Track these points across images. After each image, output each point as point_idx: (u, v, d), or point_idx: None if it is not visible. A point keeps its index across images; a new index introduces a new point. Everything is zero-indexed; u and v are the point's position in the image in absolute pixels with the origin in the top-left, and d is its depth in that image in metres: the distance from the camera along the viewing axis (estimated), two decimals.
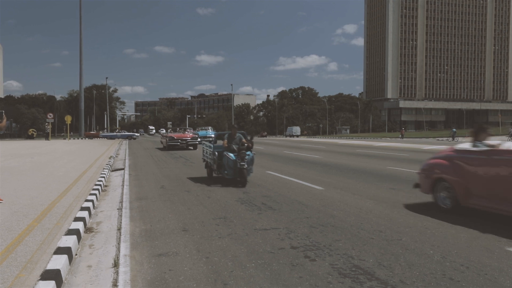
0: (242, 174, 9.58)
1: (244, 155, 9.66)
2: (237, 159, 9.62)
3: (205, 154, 11.91)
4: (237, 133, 10.47)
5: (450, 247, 4.69)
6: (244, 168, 9.55)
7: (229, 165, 9.75)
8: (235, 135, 10.38)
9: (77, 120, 72.13)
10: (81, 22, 59.23)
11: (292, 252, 4.60)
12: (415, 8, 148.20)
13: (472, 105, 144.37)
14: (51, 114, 56.32)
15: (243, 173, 9.56)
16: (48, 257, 4.24)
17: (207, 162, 11.56)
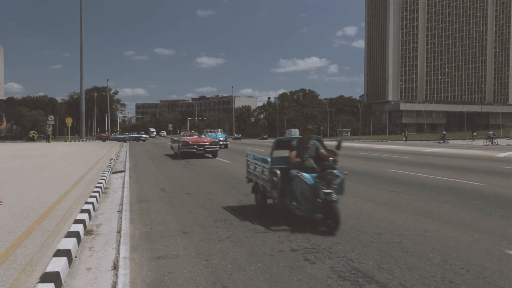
0: (330, 210, 5.63)
1: (333, 178, 5.77)
2: (319, 184, 5.75)
3: (253, 171, 7.69)
4: (312, 138, 6.73)
5: (450, 250, 4.68)
6: (333, 201, 5.61)
7: (304, 193, 5.89)
8: (309, 142, 6.62)
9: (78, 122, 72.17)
10: (81, 24, 59.38)
11: (291, 255, 4.59)
12: (416, 10, 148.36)
13: (473, 108, 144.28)
14: (52, 117, 56.37)
15: (332, 208, 5.60)
16: (47, 259, 4.24)
17: (256, 184, 7.42)
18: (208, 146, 20.69)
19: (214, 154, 21.06)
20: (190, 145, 20.37)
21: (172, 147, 24.03)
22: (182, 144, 20.44)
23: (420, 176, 12.03)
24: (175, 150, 22.52)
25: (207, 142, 20.90)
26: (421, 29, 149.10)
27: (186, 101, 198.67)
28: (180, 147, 20.57)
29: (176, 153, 21.94)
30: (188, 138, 21.47)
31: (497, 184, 10.20)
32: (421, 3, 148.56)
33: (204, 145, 20.60)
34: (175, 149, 22.46)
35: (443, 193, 8.84)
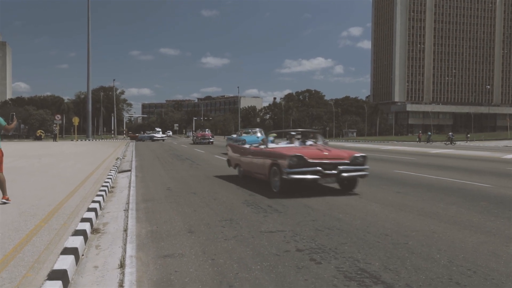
0: None
1: None
2: None
3: None
4: None
5: (457, 252, 4.66)
6: None
7: None
8: None
9: (85, 121, 72.55)
10: (89, 24, 59.66)
11: (297, 255, 4.60)
12: (423, 11, 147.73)
13: (480, 109, 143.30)
14: (59, 116, 56.85)
15: None
16: (55, 257, 4.27)
17: None
18: (346, 168, 8.85)
19: (352, 185, 9.39)
20: (309, 164, 8.62)
21: (240, 163, 11.59)
22: (289, 161, 8.49)
23: (426, 177, 11.98)
24: (254, 169, 10.54)
25: (340, 158, 9.01)
26: (428, 30, 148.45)
27: (192, 101, 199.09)
28: (283, 168, 8.58)
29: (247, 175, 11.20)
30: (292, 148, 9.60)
31: (505, 185, 10.13)
32: (428, 4, 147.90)
33: (338, 163, 8.84)
34: (252, 167, 10.65)
35: (449, 194, 8.79)
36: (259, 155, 10.08)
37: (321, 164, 8.55)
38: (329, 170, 8.57)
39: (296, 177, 8.37)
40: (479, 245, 4.92)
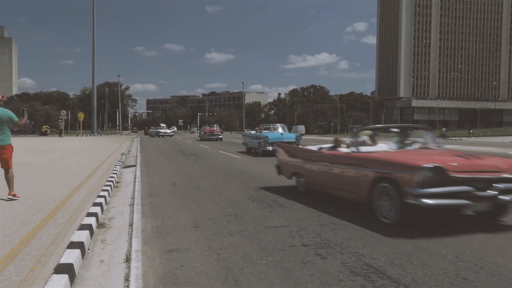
0: None
1: None
2: None
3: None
4: None
5: (464, 247, 4.64)
6: None
7: None
8: None
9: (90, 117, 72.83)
10: (94, 20, 59.69)
11: (303, 250, 4.59)
12: (429, 6, 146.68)
13: (486, 105, 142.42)
14: (64, 111, 57.02)
15: None
16: (61, 251, 4.29)
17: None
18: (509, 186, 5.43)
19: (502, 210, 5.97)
20: (453, 181, 5.27)
21: (304, 172, 8.23)
22: (423, 176, 5.18)
23: None
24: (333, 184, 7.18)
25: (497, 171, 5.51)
26: (434, 25, 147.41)
27: (197, 96, 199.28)
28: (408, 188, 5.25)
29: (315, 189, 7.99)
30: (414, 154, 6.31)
31: None
32: None
33: (494, 179, 5.41)
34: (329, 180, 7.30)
35: None
36: (345, 163, 6.80)
37: (472, 180, 5.33)
38: (483, 191, 5.32)
39: (433, 202, 5.14)
40: (486, 241, 4.89)
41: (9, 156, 7.08)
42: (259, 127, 21.15)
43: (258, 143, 18.80)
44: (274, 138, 17.98)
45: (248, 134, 23.03)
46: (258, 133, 19.88)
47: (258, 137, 19.28)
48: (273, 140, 17.53)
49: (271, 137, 18.15)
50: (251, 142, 20.39)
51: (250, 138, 20.86)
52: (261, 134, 19.14)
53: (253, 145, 19.88)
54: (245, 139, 22.15)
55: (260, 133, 19.57)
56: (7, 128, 6.99)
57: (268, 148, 17.98)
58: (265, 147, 18.11)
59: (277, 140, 16.53)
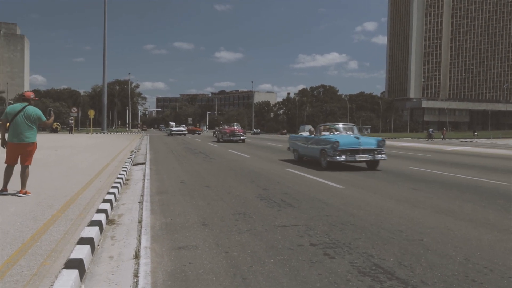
0: None
1: None
2: None
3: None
4: None
5: (473, 249, 4.61)
6: None
7: None
8: None
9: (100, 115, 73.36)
10: (105, 18, 60.05)
11: (311, 249, 4.59)
12: (441, 6, 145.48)
13: (497, 106, 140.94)
14: (75, 109, 57.45)
15: None
16: (71, 246, 4.33)
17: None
18: None
19: None
20: None
21: None
22: None
23: (442, 174, 11.84)
24: None
25: None
26: (445, 26, 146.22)
27: (206, 95, 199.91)
28: None
29: None
30: None
31: None
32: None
33: None
34: None
35: (465, 191, 8.68)
36: None
37: None
38: None
39: None
40: (495, 243, 4.85)
41: (32, 153, 7.23)
42: (318, 128, 15.14)
43: (321, 150, 13.19)
44: (347, 144, 12.58)
45: (298, 137, 16.85)
46: (319, 136, 14.11)
47: (319, 141, 13.69)
48: (346, 146, 12.46)
49: (343, 142, 12.56)
50: (305, 148, 14.96)
51: (302, 143, 15.31)
52: (326, 138, 13.42)
53: (308, 152, 14.66)
54: (294, 143, 16.34)
55: (323, 137, 13.83)
56: (34, 126, 7.15)
57: (338, 158, 12.34)
58: (334, 156, 12.38)
59: (352, 147, 12.46)
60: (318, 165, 13.65)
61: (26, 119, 7.03)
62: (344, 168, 13.27)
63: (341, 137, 13.33)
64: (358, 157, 12.38)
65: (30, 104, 7.23)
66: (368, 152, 12.57)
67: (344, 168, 13.24)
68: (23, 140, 7.01)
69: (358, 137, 13.13)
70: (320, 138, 13.87)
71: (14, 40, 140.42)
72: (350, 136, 13.51)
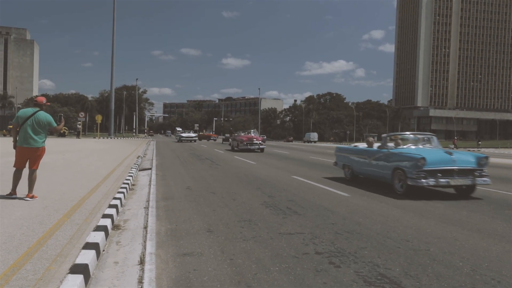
0: None
1: None
2: None
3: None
4: None
5: (481, 260, 4.56)
6: None
7: None
8: None
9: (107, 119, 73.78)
10: (114, 24, 60.60)
11: (316, 258, 4.56)
12: (449, 15, 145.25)
13: (506, 116, 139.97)
14: (82, 113, 57.86)
15: None
16: (77, 251, 4.34)
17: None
18: None
19: None
20: None
21: None
22: None
23: None
24: None
25: None
26: (453, 34, 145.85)
27: (213, 101, 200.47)
28: None
29: None
30: None
31: None
32: (454, 8, 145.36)
33: None
34: None
35: (473, 201, 8.60)
36: None
37: None
38: None
39: None
40: (504, 254, 4.80)
41: (40, 158, 7.30)
42: (388, 138, 11.01)
43: (395, 169, 9.52)
44: (437, 161, 9.06)
45: (353, 149, 12.55)
46: (391, 150, 10.18)
47: (391, 156, 9.95)
48: (435, 165, 8.95)
49: (431, 158, 9.00)
50: (364, 164, 11.18)
51: (360, 157, 11.50)
52: (404, 152, 9.68)
53: (371, 171, 10.86)
54: (345, 157, 12.50)
55: (399, 150, 10.02)
56: (44, 132, 7.23)
57: (424, 181, 8.80)
58: (418, 179, 8.79)
59: (444, 166, 8.95)
60: (324, 173, 13.57)
61: (36, 124, 7.11)
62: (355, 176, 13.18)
63: (426, 151, 9.67)
64: (452, 181, 8.89)
65: (42, 109, 7.31)
66: (466, 173, 8.98)
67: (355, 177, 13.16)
68: (32, 144, 7.08)
69: (450, 152, 9.53)
70: (393, 152, 9.96)
71: (24, 45, 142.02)
72: (438, 151, 9.83)
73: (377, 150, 10.87)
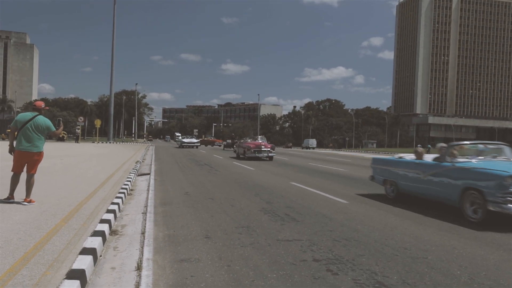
0: None
1: None
2: None
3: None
4: None
5: (479, 269, 4.55)
6: None
7: None
8: None
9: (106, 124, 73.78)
10: (114, 29, 60.77)
11: (314, 265, 4.55)
12: (448, 23, 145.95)
13: (505, 124, 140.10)
14: (81, 118, 57.85)
15: None
16: (74, 256, 4.33)
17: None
18: None
19: None
20: None
21: None
22: None
23: None
24: None
25: None
26: (452, 42, 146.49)
27: (212, 107, 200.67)
28: None
29: None
30: None
31: None
32: (453, 16, 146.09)
33: None
34: None
35: None
36: None
37: None
38: None
39: None
40: (501, 263, 4.79)
41: (38, 162, 7.29)
42: (446, 149, 8.54)
43: (465, 190, 7.47)
44: None
45: (397, 162, 10.26)
46: (458, 164, 7.97)
47: (459, 173, 7.83)
48: None
49: None
50: (416, 181, 9.05)
51: (409, 171, 9.36)
52: (479, 168, 7.47)
53: (427, 189, 8.72)
54: (387, 171, 10.36)
55: (472, 164, 7.80)
56: (43, 136, 7.24)
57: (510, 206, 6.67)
58: (503, 203, 6.70)
59: None
60: (323, 180, 13.64)
61: (35, 128, 7.11)
62: (349, 183, 13.19)
63: (507, 165, 7.43)
64: None
65: (40, 113, 7.32)
66: None
67: (349, 183, 13.15)
68: (30, 149, 7.08)
69: None
70: (463, 166, 7.79)
71: (23, 49, 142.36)
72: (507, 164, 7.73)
73: (436, 164, 8.59)
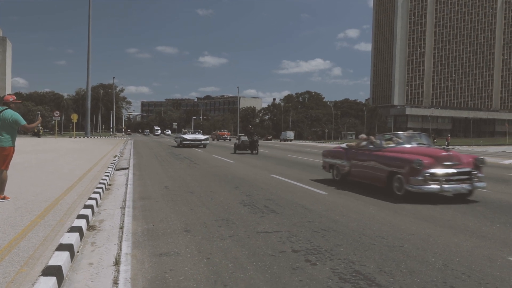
0: None
1: None
2: None
3: None
4: None
5: (452, 255, 4.67)
6: None
7: None
8: None
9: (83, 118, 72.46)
10: (89, 22, 59.55)
11: (293, 256, 4.60)
12: (424, 15, 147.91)
13: (479, 114, 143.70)
14: (57, 112, 56.62)
15: None
16: (50, 253, 4.26)
17: None
18: None
19: None
20: None
21: None
22: None
23: None
24: None
25: None
26: (428, 34, 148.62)
27: (191, 100, 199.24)
28: None
29: None
30: None
31: (502, 191, 10.15)
32: (429, 8, 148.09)
33: None
34: None
35: (446, 198, 8.80)
36: None
37: None
38: None
39: None
40: (474, 250, 4.93)
41: (9, 158, 7.11)
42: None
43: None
44: None
45: None
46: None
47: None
48: None
49: None
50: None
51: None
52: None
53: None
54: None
55: None
56: (12, 130, 7.05)
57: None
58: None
59: None
60: (303, 172, 13.67)
61: (1, 122, 6.95)
62: (328, 174, 13.33)
63: None
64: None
65: (10, 107, 7.14)
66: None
67: (328, 174, 13.30)
68: None
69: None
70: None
71: None
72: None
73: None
